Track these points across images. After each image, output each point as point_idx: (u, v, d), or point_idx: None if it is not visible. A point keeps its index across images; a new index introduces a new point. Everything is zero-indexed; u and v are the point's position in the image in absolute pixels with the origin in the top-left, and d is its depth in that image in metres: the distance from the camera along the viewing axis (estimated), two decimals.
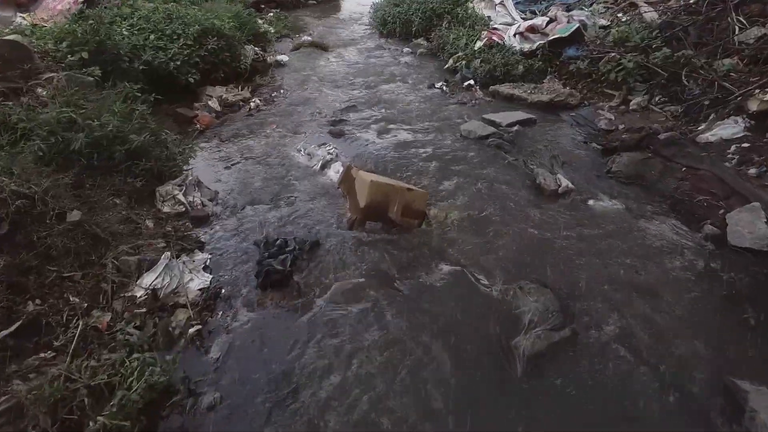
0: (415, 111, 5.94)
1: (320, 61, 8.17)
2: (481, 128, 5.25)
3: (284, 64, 7.92)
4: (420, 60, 8.24)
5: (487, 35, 7.69)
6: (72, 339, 2.49)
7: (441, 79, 7.18)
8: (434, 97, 6.50)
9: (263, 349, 2.65)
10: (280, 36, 9.55)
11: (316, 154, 4.64)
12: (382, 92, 6.62)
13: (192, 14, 6.22)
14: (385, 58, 8.37)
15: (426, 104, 6.20)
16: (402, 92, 6.63)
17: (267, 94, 6.59)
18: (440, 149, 4.96)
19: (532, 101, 6.02)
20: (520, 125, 5.46)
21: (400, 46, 9.24)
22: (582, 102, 5.94)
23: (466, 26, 8.28)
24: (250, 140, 5.18)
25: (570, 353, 2.64)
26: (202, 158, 4.76)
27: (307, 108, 6.12)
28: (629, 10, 7.53)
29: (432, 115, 5.85)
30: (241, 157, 4.83)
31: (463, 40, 7.85)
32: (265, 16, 10.59)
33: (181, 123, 5.39)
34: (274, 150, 4.97)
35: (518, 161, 4.70)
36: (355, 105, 6.11)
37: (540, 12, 8.14)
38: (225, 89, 6.12)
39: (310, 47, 8.77)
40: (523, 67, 6.58)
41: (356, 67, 7.89)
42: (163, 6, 6.44)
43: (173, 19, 6.17)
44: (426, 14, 9.10)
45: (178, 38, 5.89)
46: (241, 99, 6.06)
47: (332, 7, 13.41)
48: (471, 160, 4.74)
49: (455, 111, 5.96)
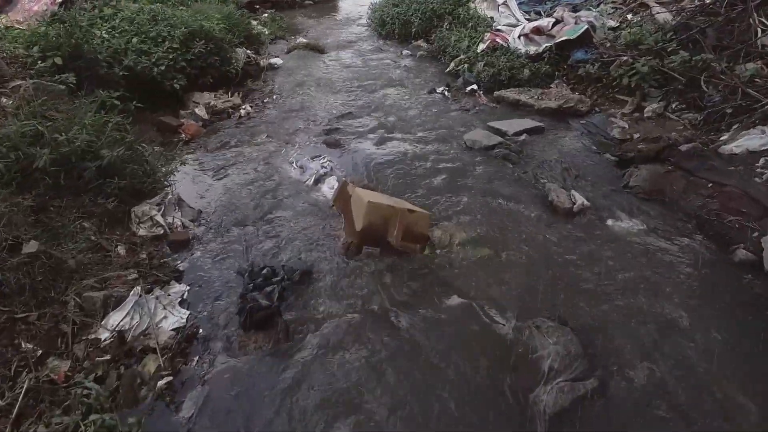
0: (416, 118, 5.59)
1: (316, 63, 7.81)
2: (486, 138, 4.90)
3: (278, 67, 7.56)
4: (420, 63, 7.89)
5: (491, 37, 7.34)
6: (18, 397, 2.13)
7: (442, 83, 6.83)
8: (435, 102, 6.15)
9: (243, 405, 2.30)
10: (274, 38, 9.19)
11: (309, 168, 4.29)
12: (381, 97, 6.26)
13: (179, 16, 5.85)
14: (383, 61, 8.01)
15: (427, 111, 5.84)
16: (402, 97, 6.27)
17: (259, 100, 6.23)
18: (443, 161, 4.61)
19: (540, 108, 5.67)
20: (527, 134, 5.12)
21: (400, 48, 8.88)
22: (593, 108, 5.59)
23: (468, 27, 7.92)
24: (238, 151, 4.82)
25: (598, 409, 2.29)
26: (185, 172, 4.40)
27: (301, 115, 5.76)
28: (639, 10, 7.19)
29: (434, 122, 5.50)
30: (229, 170, 4.48)
31: (465, 42, 7.50)
32: (260, 17, 10.23)
33: (165, 133, 5.03)
34: (264, 162, 4.61)
35: (527, 174, 4.36)
36: (351, 112, 5.76)
37: (545, 13, 7.79)
38: (213, 95, 5.75)
39: (306, 49, 8.41)
40: (529, 71, 6.22)
41: (353, 70, 7.53)
42: (148, 6, 6.08)
43: (159, 20, 5.81)
44: (426, 15, 8.74)
45: (163, 41, 5.53)
46: (231, 106, 5.70)
47: (330, 7, 13.04)
48: (476, 174, 4.39)
49: (458, 118, 5.61)
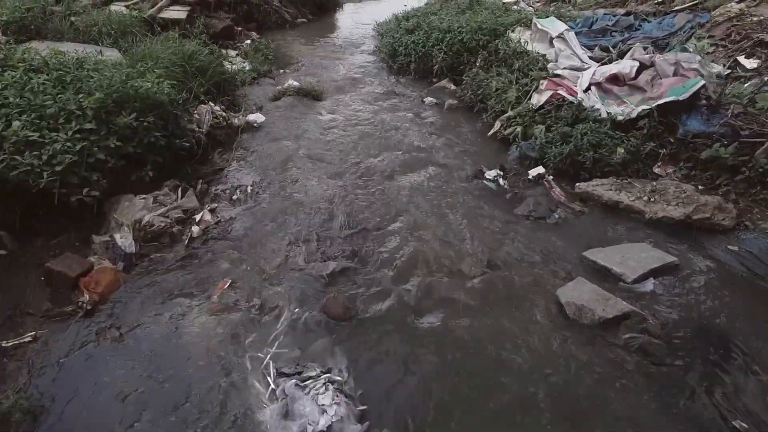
0: (467, 242, 3.55)
1: (310, 119, 5.79)
2: (598, 300, 2.89)
3: (259, 126, 5.54)
4: (449, 117, 5.89)
5: (550, 86, 5.36)
6: None
7: (487, 155, 4.85)
8: (485, 199, 4.15)
9: None
10: (257, 75, 7.15)
11: (299, 407, 2.24)
12: (403, 191, 4.24)
13: (96, 78, 3.80)
14: (400, 113, 6.01)
15: (477, 222, 3.81)
16: (434, 190, 4.26)
17: (226, 195, 4.20)
18: (538, 360, 2.61)
19: (655, 217, 3.70)
20: (654, 277, 3.15)
21: (418, 89, 6.90)
22: (740, 222, 3.62)
23: (512, 68, 5.94)
24: (171, 335, 2.77)
25: None
26: (65, 391, 2.39)
27: (288, 228, 3.73)
28: (756, 51, 5.22)
29: (496, 250, 3.48)
30: (145, 388, 2.45)
31: (512, 93, 5.51)
32: (240, 45, 8.20)
33: (59, 291, 3.00)
34: (215, 365, 2.58)
35: (701, 404, 2.37)
36: (365, 227, 3.73)
37: (616, 50, 5.81)
38: (152, 199, 3.71)
39: (297, 95, 6.39)
40: (624, 150, 4.23)
41: (360, 130, 5.52)
42: (57, 59, 4.04)
43: (70, 84, 3.78)
44: (453, 48, 6.75)
45: (69, 120, 3.50)
46: (179, 217, 3.67)
47: (326, 27, 11.05)
48: (607, 399, 2.40)
49: (533, 239, 3.58)
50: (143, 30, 5.98)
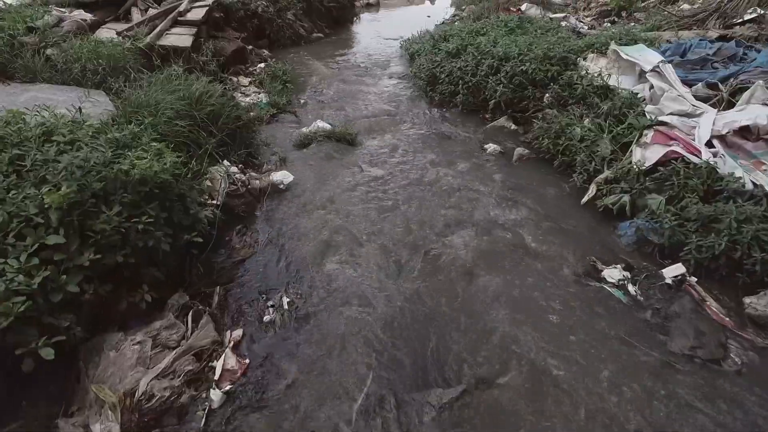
0: (619, 416, 2.39)
1: (346, 177, 4.61)
2: None
3: (286, 187, 4.38)
4: (524, 173, 4.72)
5: (657, 139, 4.20)
6: None
7: (589, 237, 3.69)
8: (620, 321, 2.95)
9: None
10: (277, 111, 5.99)
11: None
12: (497, 305, 3.07)
13: (66, 161, 2.61)
14: (458, 166, 4.84)
15: (625, 370, 2.65)
16: (538, 303, 3.08)
17: (252, 314, 3.03)
18: None
19: None
20: None
21: (471, 129, 5.76)
22: None
23: (597, 111, 4.77)
24: None
25: None
26: None
27: (345, 384, 2.57)
28: None
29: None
30: None
31: (605, 145, 4.35)
32: (253, 70, 7.03)
33: None
34: None
35: None
36: (462, 382, 2.56)
37: (726, 87, 4.63)
38: (149, 343, 2.53)
39: (328, 140, 5.23)
40: None
41: (413, 193, 4.35)
42: (15, 129, 2.85)
43: (25, 172, 2.60)
44: (514, 80, 5.57)
45: (23, 234, 2.32)
46: (190, 370, 2.49)
47: (345, 43, 9.90)
48: None
49: (720, 410, 2.40)
50: (139, 63, 4.79)
